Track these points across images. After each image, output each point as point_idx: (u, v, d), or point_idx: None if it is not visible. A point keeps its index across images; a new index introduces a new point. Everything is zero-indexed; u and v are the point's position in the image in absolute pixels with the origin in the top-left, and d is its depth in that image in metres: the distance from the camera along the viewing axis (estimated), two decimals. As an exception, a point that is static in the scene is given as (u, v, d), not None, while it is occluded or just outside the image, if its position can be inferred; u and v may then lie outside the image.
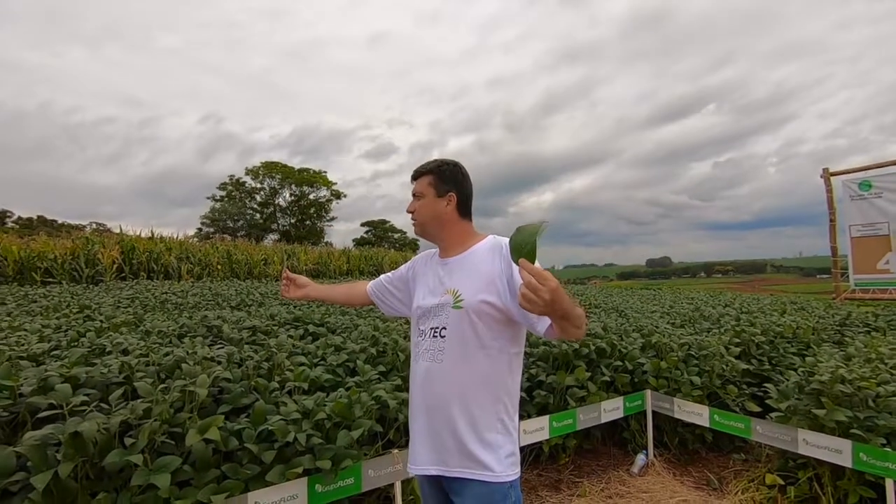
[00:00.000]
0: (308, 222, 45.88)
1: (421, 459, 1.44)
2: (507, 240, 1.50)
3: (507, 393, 1.42)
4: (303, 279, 1.94)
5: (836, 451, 2.49)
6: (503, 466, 1.37)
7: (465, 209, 1.57)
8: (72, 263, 11.01)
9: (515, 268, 1.35)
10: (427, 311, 1.50)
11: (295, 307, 5.39)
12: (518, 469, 1.41)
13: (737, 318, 5.19)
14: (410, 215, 1.58)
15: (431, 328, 1.46)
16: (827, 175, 10.25)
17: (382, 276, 1.84)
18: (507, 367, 1.43)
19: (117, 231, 14.50)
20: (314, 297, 1.95)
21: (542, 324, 1.28)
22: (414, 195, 1.57)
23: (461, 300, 1.41)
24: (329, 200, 46.44)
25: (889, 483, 2.31)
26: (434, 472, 1.41)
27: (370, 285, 1.86)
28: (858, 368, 2.98)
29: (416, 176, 1.57)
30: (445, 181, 1.54)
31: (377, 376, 2.80)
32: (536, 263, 1.08)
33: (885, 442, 2.44)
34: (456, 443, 1.38)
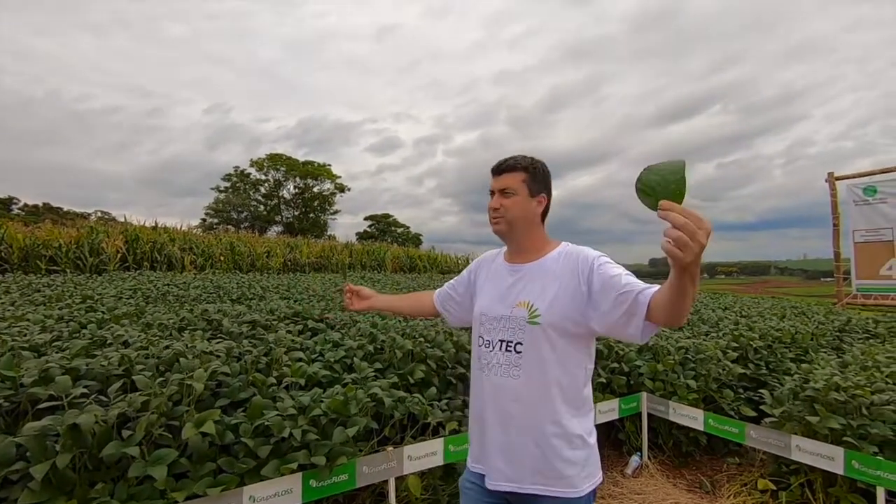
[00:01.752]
0: (312, 215, 46.01)
1: (497, 476, 1.37)
2: (583, 249, 1.37)
3: (583, 406, 1.38)
4: (366, 291, 1.82)
5: (828, 458, 2.51)
6: (582, 479, 1.33)
7: (546, 213, 1.50)
8: (76, 252, 11.06)
9: (599, 274, 1.27)
10: (494, 320, 1.42)
11: (295, 301, 5.43)
12: (595, 478, 1.36)
13: (736, 322, 5.19)
14: (494, 212, 1.45)
15: (502, 341, 1.38)
16: (832, 179, 10.20)
17: (446, 284, 1.76)
18: (584, 380, 1.38)
19: (122, 220, 14.60)
20: (379, 309, 1.84)
21: (636, 325, 1.18)
22: (501, 191, 1.44)
23: (538, 315, 1.34)
24: (333, 193, 46.60)
25: (880, 491, 2.33)
26: (509, 489, 1.34)
27: (436, 295, 1.76)
28: (854, 376, 2.99)
29: (506, 170, 1.44)
30: (538, 181, 1.45)
31: (374, 373, 2.83)
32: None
33: (877, 450, 2.45)
34: (534, 460, 1.32)
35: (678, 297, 1.04)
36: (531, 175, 1.44)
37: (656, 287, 1.18)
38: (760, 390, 3.35)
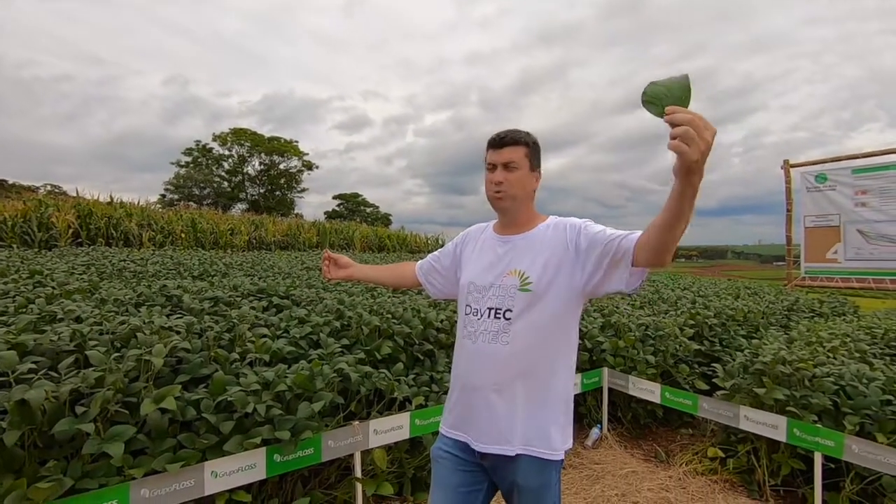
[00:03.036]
0: (278, 193, 44.84)
1: (485, 439, 1.39)
2: (570, 219, 1.42)
3: (568, 372, 1.41)
4: (345, 259, 1.80)
5: (772, 426, 2.67)
6: (561, 442, 1.37)
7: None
8: (23, 227, 10.45)
9: (585, 234, 1.32)
10: (483, 289, 1.44)
11: (260, 278, 5.31)
12: (569, 442, 1.41)
13: (693, 301, 5.40)
14: (497, 186, 1.44)
15: (490, 308, 1.40)
16: (787, 166, 10.62)
17: (429, 256, 1.75)
18: (569, 347, 1.41)
19: (74, 195, 13.85)
20: (358, 278, 1.81)
21: (621, 274, 1.23)
22: (503, 165, 1.43)
23: (529, 282, 1.36)
24: (300, 171, 45.45)
25: (817, 456, 2.50)
26: (496, 452, 1.37)
27: (418, 266, 1.76)
28: (798, 351, 3.17)
29: (508, 143, 1.44)
30: (537, 156, 1.47)
31: (340, 349, 2.81)
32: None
33: (816, 419, 2.62)
34: (520, 424, 1.35)
35: (675, 216, 1.03)
36: (532, 150, 1.46)
37: (639, 232, 1.21)
38: (714, 365, 3.52)
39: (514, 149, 1.44)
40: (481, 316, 1.42)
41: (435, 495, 1.47)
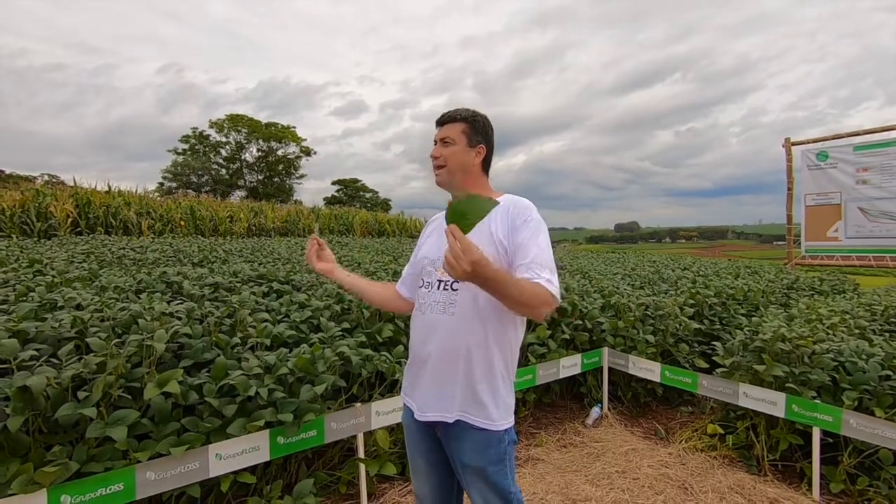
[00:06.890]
0: (276, 179, 44.60)
1: (424, 406, 1.45)
2: (521, 202, 1.45)
3: (510, 348, 1.45)
4: (329, 254, 1.70)
5: (771, 402, 2.69)
6: (500, 415, 1.41)
7: (488, 164, 1.55)
8: (21, 216, 10.43)
9: (522, 235, 1.36)
10: (434, 262, 1.49)
11: (260, 264, 5.31)
12: (513, 418, 1.45)
13: (693, 280, 5.40)
14: (434, 161, 1.51)
15: (440, 281, 1.45)
16: (788, 144, 10.53)
17: (404, 271, 1.72)
18: (514, 324, 1.45)
19: (71, 184, 13.79)
20: (338, 280, 1.69)
21: None
22: (441, 141, 1.50)
23: None
24: (298, 157, 45.12)
25: (816, 431, 2.52)
26: (436, 419, 1.42)
27: (399, 286, 1.70)
28: (798, 328, 3.18)
29: (446, 121, 1.51)
30: (478, 132, 1.50)
31: (341, 333, 2.82)
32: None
33: (815, 395, 2.64)
34: (459, 392, 1.40)
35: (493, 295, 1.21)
36: (471, 125, 1.51)
37: (524, 278, 1.28)
38: (713, 343, 3.53)
39: (450, 126, 1.50)
40: (431, 288, 1.47)
41: (413, 465, 1.58)
